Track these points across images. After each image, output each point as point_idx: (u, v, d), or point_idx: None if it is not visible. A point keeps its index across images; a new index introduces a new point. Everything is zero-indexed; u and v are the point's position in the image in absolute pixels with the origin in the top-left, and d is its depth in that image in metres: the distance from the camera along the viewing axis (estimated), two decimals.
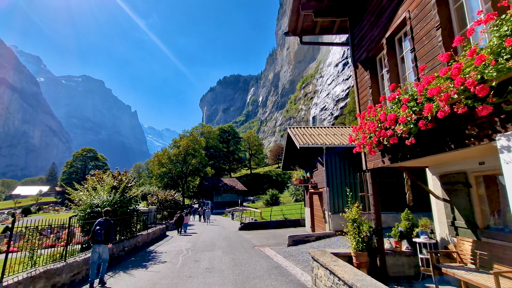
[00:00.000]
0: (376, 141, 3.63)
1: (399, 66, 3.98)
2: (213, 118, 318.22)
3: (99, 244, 6.63)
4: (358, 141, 4.16)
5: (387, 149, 3.90)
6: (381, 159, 4.25)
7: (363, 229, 5.00)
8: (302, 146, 10.86)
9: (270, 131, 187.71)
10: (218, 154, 74.53)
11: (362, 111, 4.57)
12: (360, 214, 5.11)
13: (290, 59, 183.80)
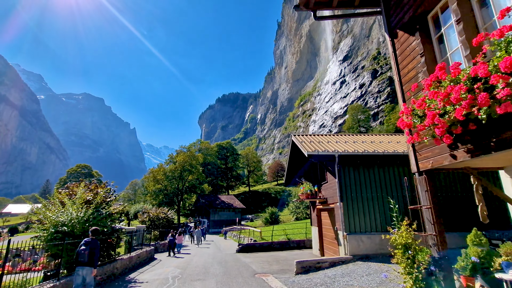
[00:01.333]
0: (461, 115, 2.22)
1: (477, 11, 2.69)
2: (212, 135, 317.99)
3: (82, 267, 6.07)
4: (420, 123, 2.76)
5: (467, 134, 2.50)
6: (450, 152, 2.82)
7: (420, 258, 3.46)
8: (310, 153, 9.38)
9: (268, 148, 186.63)
10: (216, 171, 72.67)
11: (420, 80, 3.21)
12: (413, 237, 3.59)
13: (288, 77, 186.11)
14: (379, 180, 9.55)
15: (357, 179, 9.54)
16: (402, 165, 9.82)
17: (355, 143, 11.02)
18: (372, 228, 9.12)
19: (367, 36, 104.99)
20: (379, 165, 9.69)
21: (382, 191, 9.47)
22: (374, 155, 9.51)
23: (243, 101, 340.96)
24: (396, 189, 9.62)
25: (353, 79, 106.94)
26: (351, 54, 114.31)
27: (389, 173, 9.62)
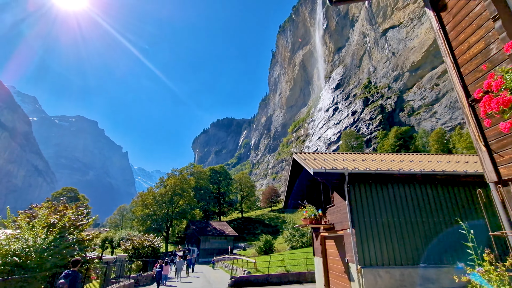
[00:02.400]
0: None
1: None
2: (205, 160, 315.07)
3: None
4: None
5: None
6: None
7: None
8: (317, 171, 8.29)
9: (262, 174, 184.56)
10: (208, 196, 70.27)
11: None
12: (509, 279, 2.43)
13: (282, 103, 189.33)
14: (395, 202, 8.32)
15: (369, 201, 8.31)
16: (428, 183, 8.71)
17: (364, 161, 9.98)
18: (391, 261, 7.78)
19: (358, 66, 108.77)
20: (397, 185, 8.54)
21: (400, 215, 8.21)
22: (380, 173, 8.39)
23: (237, 126, 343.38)
24: (421, 212, 8.35)
25: (345, 106, 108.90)
26: (343, 83, 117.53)
27: (411, 193, 8.44)
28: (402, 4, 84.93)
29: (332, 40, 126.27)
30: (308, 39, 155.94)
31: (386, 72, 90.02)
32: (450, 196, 8.58)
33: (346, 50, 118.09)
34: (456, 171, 8.56)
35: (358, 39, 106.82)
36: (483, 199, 2.96)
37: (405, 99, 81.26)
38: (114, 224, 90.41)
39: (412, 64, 79.46)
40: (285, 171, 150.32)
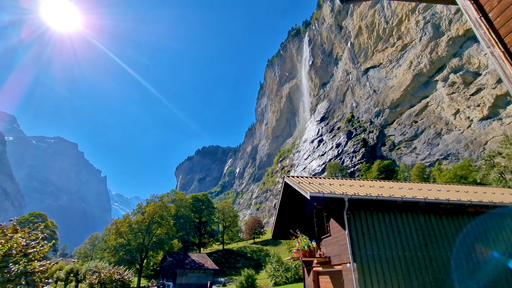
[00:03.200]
0: None
1: None
2: (188, 187, 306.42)
3: None
4: None
5: None
6: None
7: None
8: (314, 195, 7.53)
9: (245, 203, 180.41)
10: (189, 226, 66.69)
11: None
12: None
13: (268, 133, 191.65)
14: (398, 234, 7.49)
15: (371, 232, 7.43)
16: (432, 213, 8.02)
17: (363, 187, 9.37)
18: None
19: (342, 101, 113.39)
20: (400, 214, 7.79)
21: (405, 249, 7.35)
22: (385, 200, 7.68)
23: (222, 154, 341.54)
24: (427, 245, 7.47)
25: (330, 138, 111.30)
26: (327, 116, 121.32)
27: (415, 223, 7.69)
28: (381, 47, 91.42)
29: (318, 76, 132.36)
30: (294, 73, 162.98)
31: (368, 107, 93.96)
32: (456, 227, 7.96)
33: (331, 85, 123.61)
34: (461, 200, 8.08)
35: (342, 76, 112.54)
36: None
37: (386, 134, 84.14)
38: (83, 254, 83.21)
39: (392, 101, 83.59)
40: (269, 201, 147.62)
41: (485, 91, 60.81)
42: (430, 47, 73.72)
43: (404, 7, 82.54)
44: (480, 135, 60.19)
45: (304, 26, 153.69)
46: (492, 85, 59.41)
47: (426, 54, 74.37)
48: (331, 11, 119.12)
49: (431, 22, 74.75)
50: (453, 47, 69.20)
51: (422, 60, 75.30)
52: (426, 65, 73.91)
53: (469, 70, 65.39)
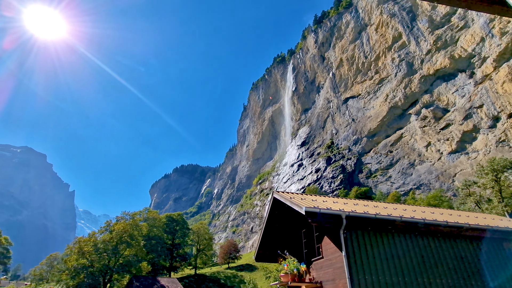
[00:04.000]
0: None
1: None
2: (162, 206, 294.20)
3: None
4: None
5: None
6: None
7: None
8: (310, 210, 7.12)
9: (222, 226, 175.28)
10: (160, 247, 62.93)
11: None
12: None
13: (249, 155, 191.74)
14: (397, 257, 7.05)
15: (370, 254, 6.90)
16: (430, 235, 7.80)
17: (357, 206, 9.18)
18: None
19: (322, 127, 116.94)
20: (398, 235, 7.48)
21: (405, 274, 6.84)
22: (391, 219, 7.22)
23: (201, 174, 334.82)
24: (427, 270, 7.04)
25: (309, 163, 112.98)
26: (308, 141, 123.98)
27: (413, 246, 7.44)
28: (360, 79, 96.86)
29: (300, 102, 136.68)
30: (278, 98, 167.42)
31: (347, 135, 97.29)
32: (455, 252, 7.83)
33: (312, 111, 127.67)
34: (458, 223, 8.08)
35: (323, 103, 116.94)
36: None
37: (364, 161, 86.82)
38: (38, 276, 75.45)
39: (369, 131, 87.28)
40: (246, 225, 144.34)
41: (453, 126, 65.22)
42: (404, 83, 79.03)
43: (381, 44, 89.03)
44: (449, 168, 63.56)
45: (289, 54, 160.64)
46: (460, 121, 63.96)
47: (401, 88, 79.49)
48: (315, 42, 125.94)
49: (405, 60, 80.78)
50: (424, 84, 74.65)
51: (397, 94, 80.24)
52: (401, 98, 78.73)
53: (439, 106, 70.33)
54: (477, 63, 63.97)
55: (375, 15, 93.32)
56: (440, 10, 73.90)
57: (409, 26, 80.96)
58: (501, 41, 59.31)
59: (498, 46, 59.67)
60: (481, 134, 60.17)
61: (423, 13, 78.11)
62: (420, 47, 76.61)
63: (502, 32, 59.45)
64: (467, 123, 62.32)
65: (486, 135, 58.97)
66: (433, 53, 72.92)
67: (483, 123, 59.76)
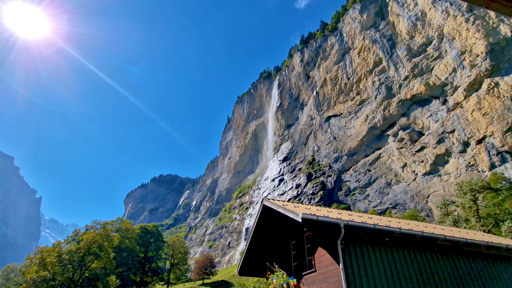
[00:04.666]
0: None
1: None
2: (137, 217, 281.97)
3: None
4: None
5: None
6: None
7: None
8: (307, 217, 6.72)
9: (198, 240, 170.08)
10: (131, 261, 59.54)
11: None
12: None
13: (230, 168, 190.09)
14: (396, 272, 6.65)
15: (368, 269, 6.42)
16: (428, 250, 7.43)
17: (351, 216, 8.98)
18: None
19: (304, 143, 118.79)
20: (396, 249, 7.09)
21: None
22: (390, 231, 6.80)
23: (180, 184, 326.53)
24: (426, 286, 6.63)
25: (290, 178, 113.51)
26: (290, 156, 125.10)
27: (412, 260, 7.07)
28: (342, 99, 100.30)
29: (284, 117, 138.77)
30: (262, 112, 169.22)
31: (328, 152, 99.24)
32: (453, 269, 7.57)
33: (295, 128, 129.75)
34: (455, 237, 8.00)
35: (306, 120, 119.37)
36: None
37: (343, 179, 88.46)
38: None
39: (349, 149, 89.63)
40: (224, 239, 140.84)
41: (427, 149, 68.39)
42: (383, 105, 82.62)
43: (363, 68, 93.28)
44: (423, 188, 66.04)
45: (275, 71, 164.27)
46: (433, 145, 67.26)
47: (380, 110, 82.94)
48: (300, 61, 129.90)
49: (384, 84, 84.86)
50: (402, 108, 78.39)
51: (377, 116, 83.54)
52: (380, 120, 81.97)
53: (415, 130, 73.79)
54: (450, 91, 68.32)
55: (358, 40, 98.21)
56: (417, 40, 79.04)
57: (389, 53, 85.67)
58: (471, 73, 63.95)
59: (468, 77, 64.25)
60: (452, 158, 63.40)
61: (402, 42, 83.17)
62: (399, 73, 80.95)
63: (471, 64, 64.22)
64: (440, 147, 65.59)
65: (457, 159, 62.22)
66: (410, 79, 77.18)
67: (454, 147, 63.16)
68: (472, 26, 65.38)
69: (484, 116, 59.16)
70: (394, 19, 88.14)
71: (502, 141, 54.80)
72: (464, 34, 67.12)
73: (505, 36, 60.42)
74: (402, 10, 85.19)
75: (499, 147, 55.22)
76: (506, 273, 8.43)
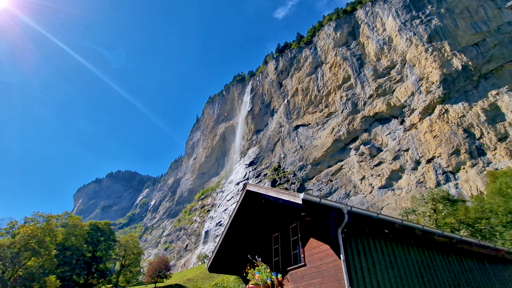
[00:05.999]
0: None
1: None
2: (88, 214, 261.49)
3: None
4: None
5: None
6: None
7: None
8: (308, 199, 6.04)
9: (154, 241, 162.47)
10: (77, 260, 54.50)
11: None
12: None
13: (195, 168, 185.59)
14: (398, 270, 6.19)
15: (370, 262, 5.83)
16: (426, 246, 7.18)
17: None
18: None
19: (272, 150, 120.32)
20: (396, 244, 6.63)
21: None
22: (391, 221, 6.43)
23: (139, 182, 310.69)
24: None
25: (255, 183, 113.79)
26: (256, 161, 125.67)
27: (411, 257, 6.59)
28: (311, 110, 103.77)
29: (254, 122, 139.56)
30: (233, 115, 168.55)
31: (294, 160, 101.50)
32: (447, 265, 7.40)
33: (264, 133, 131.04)
34: (450, 234, 7.87)
35: (275, 127, 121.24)
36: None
37: (306, 187, 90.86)
38: None
39: (314, 159, 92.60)
40: (181, 241, 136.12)
41: (384, 164, 73.13)
42: (348, 120, 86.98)
43: (333, 82, 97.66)
44: (378, 201, 70.23)
45: (249, 75, 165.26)
46: (390, 160, 72.15)
47: (345, 124, 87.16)
48: (275, 69, 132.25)
49: (351, 100, 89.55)
50: (364, 124, 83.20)
51: (341, 129, 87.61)
52: (344, 133, 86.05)
53: (375, 145, 78.63)
54: (407, 112, 74.15)
55: (331, 55, 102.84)
56: (383, 62, 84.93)
57: (357, 71, 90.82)
58: (426, 98, 70.16)
59: (424, 101, 70.39)
60: (405, 174, 68.51)
61: (370, 62, 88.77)
62: (364, 91, 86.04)
63: (427, 90, 70.53)
64: (395, 163, 70.56)
65: (409, 175, 67.37)
66: (374, 98, 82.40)
67: (408, 164, 68.39)
68: (430, 56, 71.98)
69: (434, 139, 65.04)
70: (364, 41, 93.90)
71: (447, 162, 60.62)
72: (423, 62, 73.61)
73: (457, 69, 67.46)
74: (372, 33, 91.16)
75: (444, 167, 60.95)
76: (494, 272, 8.84)
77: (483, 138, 58.96)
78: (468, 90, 65.48)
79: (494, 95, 61.36)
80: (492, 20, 69.27)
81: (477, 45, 68.43)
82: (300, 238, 7.37)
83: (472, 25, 70.98)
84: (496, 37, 66.91)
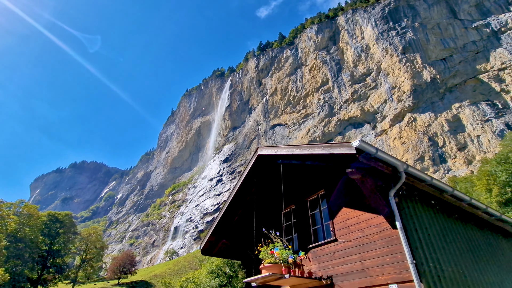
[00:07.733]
0: None
1: None
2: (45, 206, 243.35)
3: None
4: None
5: None
6: None
7: None
8: (363, 147, 4.85)
9: (118, 236, 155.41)
10: (30, 253, 50.09)
11: None
12: None
13: (167, 162, 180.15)
14: (467, 245, 5.72)
15: (426, 234, 4.99)
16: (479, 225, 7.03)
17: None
18: None
19: (247, 147, 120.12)
20: (451, 217, 6.13)
21: (483, 270, 5.44)
22: (448, 191, 5.80)
23: (106, 174, 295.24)
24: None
25: (229, 180, 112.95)
26: (231, 158, 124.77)
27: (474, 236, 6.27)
28: (289, 110, 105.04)
29: (231, 119, 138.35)
30: (210, 110, 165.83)
31: None
32: (487, 243, 7.06)
33: (240, 130, 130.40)
34: (493, 211, 7.43)
35: (252, 125, 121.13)
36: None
37: None
38: None
39: None
40: (148, 237, 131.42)
41: None
42: (324, 122, 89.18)
43: (312, 84, 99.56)
44: None
45: (229, 71, 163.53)
46: None
47: (321, 126, 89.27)
48: (255, 67, 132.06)
49: (328, 103, 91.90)
50: (339, 127, 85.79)
51: (317, 131, 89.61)
52: (320, 135, 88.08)
53: None
54: (379, 118, 77.56)
55: (311, 58, 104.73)
56: (359, 69, 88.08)
57: (335, 75, 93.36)
58: (397, 106, 73.84)
59: (395, 109, 74.03)
60: None
61: (347, 68, 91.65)
62: (341, 95, 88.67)
63: (399, 99, 74.24)
64: None
65: None
66: (349, 103, 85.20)
67: None
68: (403, 67, 75.87)
69: (403, 145, 68.67)
70: (343, 46, 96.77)
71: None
72: (396, 72, 77.39)
73: (426, 80, 71.75)
74: (351, 40, 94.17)
75: None
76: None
77: (445, 146, 63.29)
78: (435, 101, 69.92)
79: (457, 107, 66.08)
80: (459, 38, 74.59)
81: (445, 60, 73.30)
82: (328, 209, 6.43)
83: (442, 41, 75.91)
84: (462, 54, 72.13)
